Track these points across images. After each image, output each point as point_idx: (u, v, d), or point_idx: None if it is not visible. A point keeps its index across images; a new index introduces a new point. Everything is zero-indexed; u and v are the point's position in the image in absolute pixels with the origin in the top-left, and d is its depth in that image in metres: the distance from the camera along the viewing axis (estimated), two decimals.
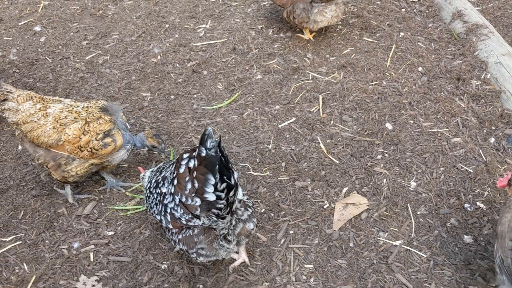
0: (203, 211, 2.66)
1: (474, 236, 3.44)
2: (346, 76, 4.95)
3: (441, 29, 5.50)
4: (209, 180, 2.51)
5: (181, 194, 2.66)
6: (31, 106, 3.55)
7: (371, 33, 5.53)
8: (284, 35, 5.58)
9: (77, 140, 3.52)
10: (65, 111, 3.57)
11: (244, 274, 3.29)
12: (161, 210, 2.92)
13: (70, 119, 3.55)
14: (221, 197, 2.58)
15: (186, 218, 2.76)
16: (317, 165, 4.04)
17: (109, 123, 3.60)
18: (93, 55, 5.44)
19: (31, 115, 3.52)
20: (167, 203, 2.85)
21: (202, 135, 2.51)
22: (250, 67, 5.16)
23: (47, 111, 3.55)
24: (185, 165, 2.57)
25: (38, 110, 3.55)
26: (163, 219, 2.93)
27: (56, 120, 3.53)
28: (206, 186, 2.53)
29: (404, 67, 5.01)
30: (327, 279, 3.24)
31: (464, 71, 4.82)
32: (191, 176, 2.56)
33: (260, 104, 4.68)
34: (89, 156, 3.58)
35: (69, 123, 3.53)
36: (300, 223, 3.60)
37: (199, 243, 2.90)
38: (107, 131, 3.58)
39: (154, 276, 3.31)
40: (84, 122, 3.54)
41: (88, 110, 3.62)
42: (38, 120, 3.52)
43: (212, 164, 2.48)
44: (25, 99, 3.56)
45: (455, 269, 3.25)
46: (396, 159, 4.04)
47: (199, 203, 2.62)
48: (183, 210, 2.73)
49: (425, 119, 4.39)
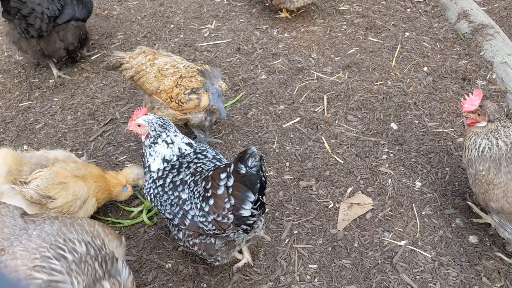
0: (234, 226, 2.70)
1: (480, 236, 3.42)
2: (351, 76, 4.94)
3: (447, 29, 5.48)
4: (249, 197, 2.56)
5: (218, 214, 2.67)
6: (143, 58, 4.01)
7: (376, 33, 5.52)
8: (289, 35, 5.58)
9: (170, 90, 3.87)
10: (168, 65, 3.95)
11: (248, 274, 3.29)
12: (177, 213, 2.88)
13: (170, 72, 3.91)
14: (254, 214, 2.63)
15: (214, 232, 2.78)
16: (322, 165, 4.03)
17: (198, 82, 3.87)
18: (99, 56, 5.46)
19: (142, 65, 3.97)
20: (188, 209, 2.82)
21: (242, 153, 2.54)
22: (254, 67, 5.16)
23: (154, 61, 3.97)
24: (224, 186, 2.60)
25: (147, 60, 3.98)
26: (176, 219, 2.89)
27: (159, 70, 3.92)
28: (244, 203, 2.58)
29: (409, 67, 4.99)
30: (331, 279, 3.23)
31: (470, 71, 4.80)
32: (228, 194, 2.59)
33: (265, 104, 4.68)
34: (176, 107, 3.91)
35: (168, 75, 3.90)
36: (305, 223, 3.60)
37: (219, 251, 2.94)
38: (195, 88, 3.86)
39: (159, 275, 3.32)
40: (179, 76, 3.88)
41: (187, 68, 3.94)
42: (145, 68, 3.96)
43: (253, 182, 2.54)
44: (137, 55, 4.03)
45: (460, 270, 3.23)
46: (401, 159, 4.03)
47: (232, 220, 2.65)
48: (215, 226, 2.73)
49: (430, 119, 4.38)
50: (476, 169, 3.15)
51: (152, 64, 3.98)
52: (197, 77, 3.89)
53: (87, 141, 4.39)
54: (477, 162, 3.14)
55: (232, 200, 2.59)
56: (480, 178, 3.11)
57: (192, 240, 2.93)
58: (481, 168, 3.10)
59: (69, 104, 4.82)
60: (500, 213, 3.08)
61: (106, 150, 4.31)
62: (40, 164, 3.32)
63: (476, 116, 3.23)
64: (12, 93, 4.98)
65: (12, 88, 5.06)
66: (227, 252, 2.98)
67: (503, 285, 3.13)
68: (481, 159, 3.12)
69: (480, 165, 3.11)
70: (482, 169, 3.10)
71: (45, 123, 4.61)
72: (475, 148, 3.18)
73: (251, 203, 2.58)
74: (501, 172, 3.03)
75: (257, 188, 2.56)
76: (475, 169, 3.16)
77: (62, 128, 4.54)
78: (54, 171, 3.28)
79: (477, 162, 3.14)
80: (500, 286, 3.13)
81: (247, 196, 2.56)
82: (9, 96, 4.95)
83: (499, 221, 3.13)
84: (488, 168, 3.07)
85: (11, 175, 3.19)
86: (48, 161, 3.36)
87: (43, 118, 4.67)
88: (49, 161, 3.36)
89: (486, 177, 3.08)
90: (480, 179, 3.12)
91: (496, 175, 3.04)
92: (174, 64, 3.96)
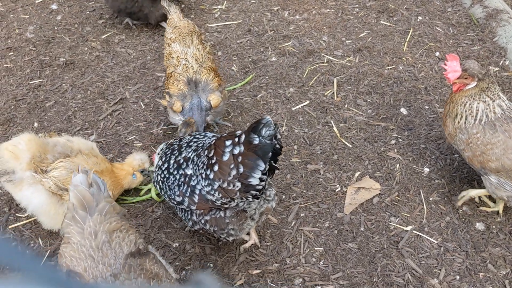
0: (241, 193, 2.69)
1: (487, 223, 3.42)
2: (361, 60, 4.90)
3: (460, 14, 5.41)
4: (259, 166, 2.53)
5: (223, 180, 2.66)
6: (171, 31, 4.13)
7: (388, 17, 5.45)
8: (300, 17, 5.53)
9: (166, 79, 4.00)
10: (175, 55, 3.93)
11: (254, 255, 3.32)
12: (185, 192, 2.90)
13: (172, 62, 3.93)
14: (263, 179, 2.60)
15: (222, 201, 2.78)
16: (330, 148, 4.03)
17: (177, 90, 3.82)
18: (109, 34, 5.45)
19: (166, 38, 4.15)
20: (195, 184, 2.84)
21: (256, 122, 2.51)
22: (265, 49, 5.13)
23: (171, 44, 4.02)
24: (230, 152, 2.58)
25: (169, 38, 4.08)
26: (186, 200, 2.91)
27: (169, 54, 4.00)
28: (254, 171, 2.54)
29: (421, 52, 4.94)
30: (336, 262, 3.26)
31: (483, 57, 4.74)
32: (235, 161, 2.57)
33: (274, 87, 4.66)
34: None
35: (171, 64, 3.95)
36: (311, 206, 3.61)
37: (230, 224, 2.92)
38: (170, 93, 3.86)
39: (166, 254, 3.36)
40: (172, 72, 3.89)
41: (183, 69, 3.86)
42: (166, 44, 4.12)
43: (265, 151, 2.50)
44: (177, 24, 4.18)
45: (466, 256, 3.24)
46: (410, 144, 4.01)
47: (239, 187, 2.64)
48: (221, 194, 2.73)
49: (441, 105, 4.34)
50: (469, 133, 3.12)
51: (169, 44, 4.03)
52: (180, 85, 3.82)
53: (96, 120, 4.41)
54: (470, 127, 3.11)
55: (241, 168, 2.56)
56: (475, 141, 3.09)
57: (204, 218, 2.94)
58: (475, 131, 3.09)
59: (79, 82, 4.83)
60: (500, 171, 3.07)
61: (115, 129, 4.33)
62: (64, 154, 3.30)
63: (463, 80, 3.14)
64: (23, 71, 5.00)
65: (23, 65, 5.08)
66: (238, 223, 2.93)
67: (508, 272, 3.14)
68: (475, 124, 3.11)
69: (474, 129, 3.09)
70: (476, 131, 3.08)
71: (56, 101, 4.63)
72: (471, 115, 3.12)
73: (261, 171, 2.55)
74: (498, 131, 3.01)
75: (268, 157, 2.52)
76: (467, 134, 3.13)
77: (72, 106, 4.57)
78: (75, 164, 3.25)
79: (470, 127, 3.11)
80: (505, 273, 3.14)
81: (257, 165, 2.53)
82: (20, 74, 4.97)
83: (498, 182, 3.13)
84: (483, 130, 3.06)
85: (34, 163, 3.18)
86: (72, 152, 3.34)
87: (53, 96, 4.69)
88: (73, 152, 3.34)
89: (482, 138, 3.06)
90: (475, 142, 3.09)
91: (493, 135, 3.03)
92: (181, 57, 3.91)
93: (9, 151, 3.18)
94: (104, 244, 2.47)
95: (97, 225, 2.53)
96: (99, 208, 2.59)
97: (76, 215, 2.55)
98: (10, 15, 5.81)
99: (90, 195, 2.58)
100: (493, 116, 3.06)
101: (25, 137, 3.23)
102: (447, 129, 3.28)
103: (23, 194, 3.23)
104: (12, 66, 5.08)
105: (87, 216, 2.55)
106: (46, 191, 3.20)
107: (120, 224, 2.63)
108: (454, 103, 3.20)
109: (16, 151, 3.18)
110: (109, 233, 2.53)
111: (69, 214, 2.60)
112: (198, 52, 3.98)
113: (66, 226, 2.60)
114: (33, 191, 3.20)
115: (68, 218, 2.59)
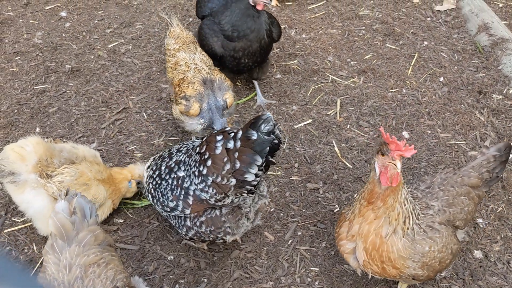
0: (236, 189, 2.67)
1: (485, 252, 3.40)
2: (366, 81, 4.92)
3: (466, 41, 5.44)
4: (256, 161, 2.53)
5: (217, 175, 2.64)
6: (173, 42, 4.12)
7: (394, 40, 5.48)
8: (307, 36, 5.56)
9: (174, 87, 3.89)
10: (183, 62, 3.93)
11: (249, 272, 3.29)
12: (178, 195, 2.90)
13: (181, 69, 3.90)
14: (259, 175, 2.60)
15: (216, 198, 2.76)
16: (330, 168, 4.02)
17: (193, 91, 3.74)
18: (116, 44, 5.49)
19: (168, 50, 4.12)
20: (188, 186, 2.84)
21: (256, 118, 2.52)
22: (270, 66, 5.15)
23: (177, 53, 4.01)
24: (222, 146, 2.58)
25: (173, 49, 4.06)
26: (180, 204, 2.90)
27: (176, 63, 3.97)
28: (251, 167, 2.54)
29: (426, 77, 4.96)
30: (331, 284, 3.22)
31: (486, 84, 4.76)
32: (231, 157, 2.56)
33: (278, 104, 4.67)
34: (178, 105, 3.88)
35: (179, 71, 3.90)
36: (309, 225, 3.59)
37: (227, 222, 2.90)
38: (187, 96, 3.74)
39: (160, 266, 3.33)
40: (183, 77, 3.83)
41: (195, 72, 3.86)
42: (169, 55, 4.10)
43: (262, 146, 2.51)
44: (177, 34, 4.18)
45: (463, 284, 3.21)
46: (410, 168, 4.00)
47: (234, 183, 2.63)
48: (215, 190, 2.71)
49: (443, 130, 4.34)
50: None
51: (174, 55, 4.03)
52: (196, 85, 3.76)
53: (98, 128, 4.42)
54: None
55: (238, 164, 2.55)
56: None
57: (199, 220, 2.92)
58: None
59: (83, 90, 4.85)
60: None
61: (116, 138, 4.33)
62: (69, 160, 3.30)
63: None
64: (29, 76, 5.03)
65: (28, 70, 5.10)
66: (235, 221, 2.92)
67: None
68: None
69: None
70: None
71: (59, 107, 4.64)
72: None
73: (258, 167, 2.54)
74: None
75: (265, 152, 2.52)
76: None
77: (75, 113, 4.57)
78: (80, 171, 3.26)
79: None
80: None
81: (254, 160, 2.53)
82: (25, 78, 4.99)
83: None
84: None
85: (40, 166, 3.17)
86: (77, 158, 3.34)
87: (57, 102, 4.70)
88: (78, 159, 3.35)
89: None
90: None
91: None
92: (189, 62, 3.93)
93: (15, 152, 3.17)
94: (77, 281, 2.36)
95: (73, 258, 2.42)
96: (78, 238, 2.49)
97: (54, 244, 2.47)
98: (20, 20, 5.86)
99: (70, 224, 2.49)
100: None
101: (33, 140, 3.23)
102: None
103: (25, 197, 3.21)
104: (18, 70, 5.11)
105: (65, 246, 2.46)
106: (48, 196, 3.18)
107: (99, 257, 2.50)
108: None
109: (23, 152, 3.17)
110: (85, 267, 2.41)
111: (49, 241, 2.53)
112: (204, 57, 4.06)
113: (45, 253, 2.52)
114: (35, 194, 3.18)
115: (48, 245, 2.52)
